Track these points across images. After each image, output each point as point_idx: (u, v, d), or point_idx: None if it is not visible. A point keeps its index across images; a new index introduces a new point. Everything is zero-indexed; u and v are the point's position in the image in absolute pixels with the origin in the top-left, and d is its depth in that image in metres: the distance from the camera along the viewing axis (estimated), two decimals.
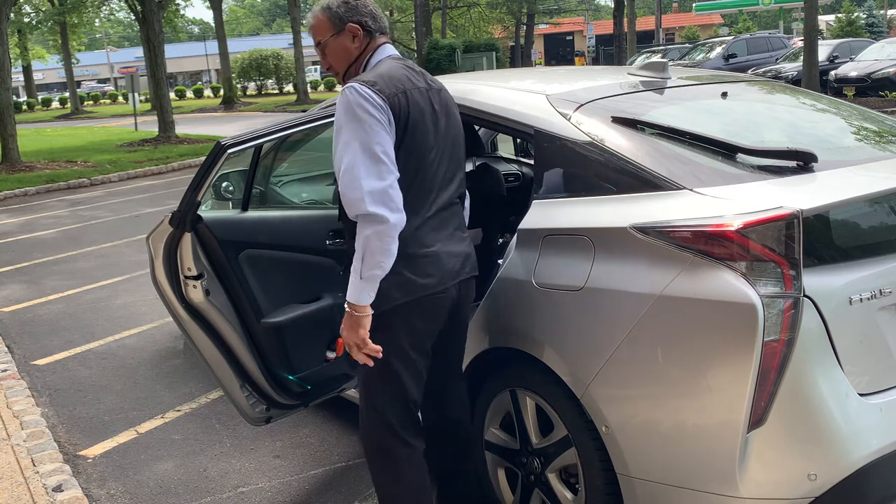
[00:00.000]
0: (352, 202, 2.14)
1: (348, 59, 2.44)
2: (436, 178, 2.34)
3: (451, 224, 2.40)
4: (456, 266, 2.38)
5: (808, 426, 2.04)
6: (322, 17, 2.42)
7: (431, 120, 2.32)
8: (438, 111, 2.36)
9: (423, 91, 2.33)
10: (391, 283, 2.22)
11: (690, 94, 3.01)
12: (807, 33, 18.12)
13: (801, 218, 2.01)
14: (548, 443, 2.54)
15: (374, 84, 2.21)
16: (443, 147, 2.36)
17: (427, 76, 2.44)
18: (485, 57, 31.79)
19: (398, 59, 2.42)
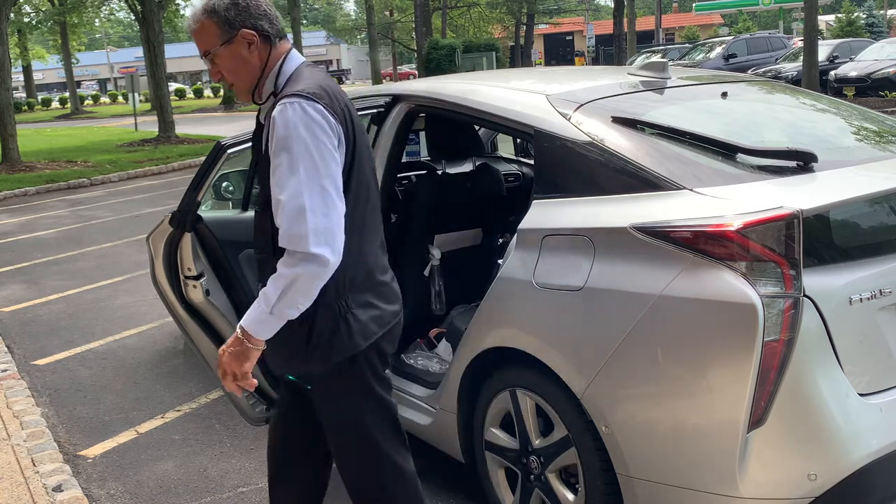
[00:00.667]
0: (293, 238, 1.86)
1: (252, 73, 2.06)
2: (377, 201, 2.19)
3: (385, 251, 2.24)
4: (399, 291, 2.28)
5: (808, 426, 2.04)
6: (206, 21, 2.02)
7: (364, 139, 2.13)
8: (363, 129, 2.17)
9: (353, 106, 2.11)
10: (368, 317, 2.06)
11: (690, 94, 3.01)
12: (807, 33, 18.12)
13: (801, 218, 2.01)
14: (548, 443, 2.54)
15: (321, 98, 1.93)
16: (373, 168, 2.20)
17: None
18: (485, 57, 31.80)
19: (312, 64, 2.11)
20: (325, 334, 2.00)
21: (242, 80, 2.07)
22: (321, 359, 2.03)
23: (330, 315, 2.00)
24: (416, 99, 3.26)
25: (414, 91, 3.31)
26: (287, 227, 1.87)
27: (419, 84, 3.47)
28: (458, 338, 2.91)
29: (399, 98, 3.30)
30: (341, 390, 2.11)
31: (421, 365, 3.41)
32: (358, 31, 55.30)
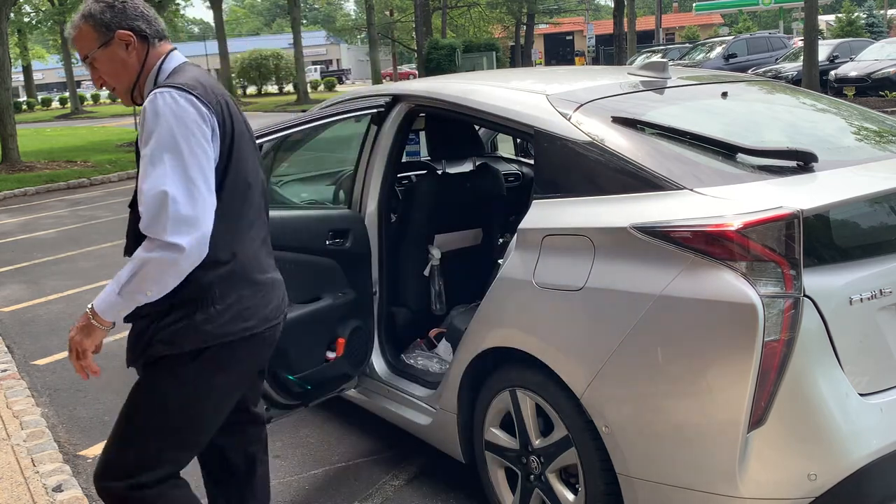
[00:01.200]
0: (152, 225, 1.83)
1: (129, 74, 2.06)
2: (262, 199, 2.14)
3: (269, 245, 2.21)
4: (283, 295, 2.21)
5: (808, 426, 2.04)
6: (84, 26, 2.03)
7: (248, 133, 2.11)
8: (248, 126, 2.14)
9: (231, 99, 2.06)
10: (230, 315, 1.98)
11: (690, 94, 3.01)
12: (807, 33, 18.12)
13: (801, 218, 2.01)
14: (548, 443, 2.54)
15: (194, 88, 1.91)
16: (257, 157, 2.16)
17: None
18: (485, 57, 31.80)
19: (193, 66, 2.09)
20: (173, 322, 1.95)
21: (121, 82, 2.08)
22: (163, 342, 1.96)
23: (187, 305, 1.95)
24: (416, 99, 3.26)
25: (414, 91, 3.31)
26: (147, 214, 1.84)
27: (419, 84, 3.47)
28: (458, 338, 2.91)
29: (399, 98, 3.30)
30: (173, 378, 2.01)
31: (421, 365, 3.41)
32: (358, 31, 55.33)
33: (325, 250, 3.16)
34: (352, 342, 3.19)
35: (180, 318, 1.95)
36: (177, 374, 2.00)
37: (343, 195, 3.85)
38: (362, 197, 3.36)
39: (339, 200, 3.95)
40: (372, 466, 3.42)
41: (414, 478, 3.31)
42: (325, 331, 3.12)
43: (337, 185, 4.23)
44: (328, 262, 3.16)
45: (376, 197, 3.35)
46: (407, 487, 3.24)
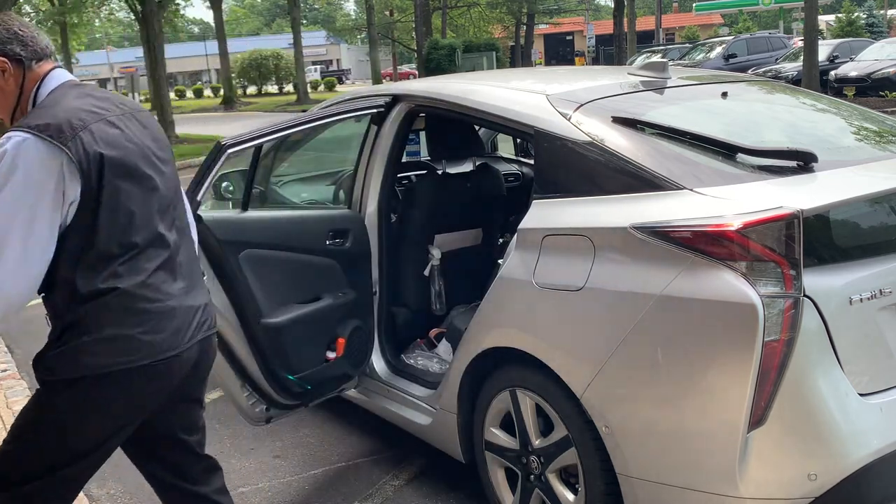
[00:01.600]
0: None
1: (8, 101, 1.97)
2: (165, 221, 2.00)
3: (182, 268, 2.04)
4: (190, 323, 2.02)
5: (808, 426, 2.04)
6: None
7: (138, 151, 1.95)
8: (142, 135, 1.99)
9: (118, 117, 1.95)
10: (114, 343, 1.88)
11: (690, 94, 3.01)
12: (807, 33, 18.12)
13: (801, 218, 2.01)
14: (548, 443, 2.54)
15: (44, 129, 1.79)
16: (157, 176, 1.99)
17: (117, 99, 2.04)
18: (485, 57, 31.80)
19: (76, 84, 1.99)
20: (55, 348, 1.90)
21: (2, 109, 2.00)
22: (44, 366, 1.92)
23: (67, 333, 1.89)
24: (415, 99, 3.26)
25: (414, 91, 3.31)
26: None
27: (419, 84, 3.47)
28: (458, 338, 2.91)
29: (399, 98, 3.30)
30: (50, 404, 1.95)
31: (421, 365, 3.41)
32: (358, 31, 55.34)
33: (325, 250, 3.16)
34: (352, 342, 3.19)
35: (62, 345, 1.88)
36: (52, 401, 1.93)
37: (343, 195, 3.85)
38: (362, 197, 3.36)
39: (339, 200, 3.95)
40: (372, 466, 3.42)
41: (414, 478, 3.32)
42: (325, 331, 3.12)
43: (337, 185, 4.24)
44: (328, 262, 3.16)
45: (376, 197, 3.35)
46: (407, 487, 3.24)
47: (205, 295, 2.14)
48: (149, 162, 1.99)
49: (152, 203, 1.98)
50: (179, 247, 2.06)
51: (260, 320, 2.93)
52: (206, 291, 2.17)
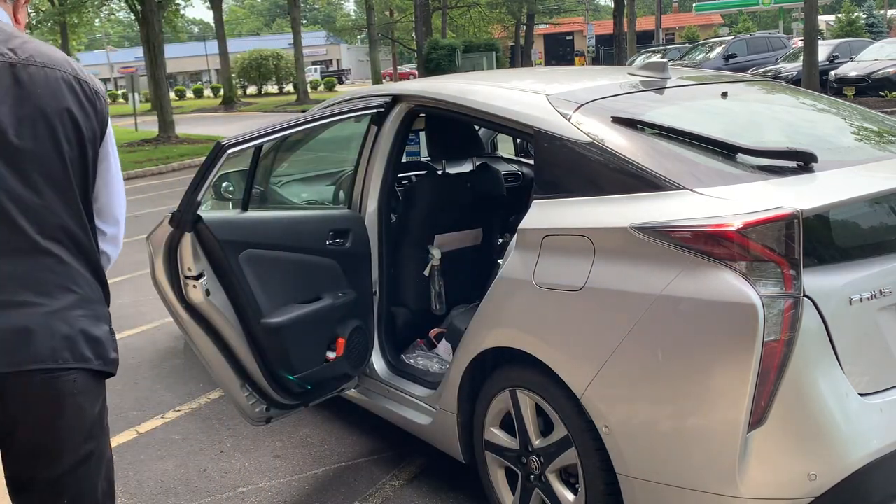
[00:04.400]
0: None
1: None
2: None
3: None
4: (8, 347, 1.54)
5: (808, 426, 2.04)
6: None
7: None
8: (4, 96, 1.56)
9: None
10: None
11: (690, 94, 3.02)
12: (807, 33, 18.12)
13: (801, 218, 2.01)
14: (548, 443, 2.54)
15: None
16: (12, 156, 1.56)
17: (9, 45, 1.60)
18: (485, 57, 31.81)
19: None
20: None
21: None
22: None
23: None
24: (415, 99, 3.26)
25: (413, 91, 3.31)
26: None
27: (419, 84, 3.48)
28: (458, 338, 2.91)
29: (399, 98, 3.30)
30: None
31: (421, 365, 3.41)
32: (358, 31, 55.34)
33: (325, 250, 3.16)
34: (352, 342, 3.19)
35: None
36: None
37: (343, 195, 3.85)
38: (362, 197, 3.36)
39: (339, 200, 3.95)
40: (372, 466, 3.42)
41: (414, 478, 3.32)
42: (325, 331, 3.12)
43: (337, 185, 4.24)
44: (328, 262, 3.16)
45: (376, 197, 3.35)
46: (407, 487, 3.24)
47: (36, 317, 1.60)
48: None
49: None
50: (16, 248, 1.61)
51: (260, 320, 2.93)
52: (39, 312, 1.60)
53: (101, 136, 1.70)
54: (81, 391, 1.65)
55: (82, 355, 1.64)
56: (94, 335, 1.67)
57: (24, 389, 1.58)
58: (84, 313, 1.66)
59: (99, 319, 1.70)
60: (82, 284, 1.68)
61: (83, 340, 1.65)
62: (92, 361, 1.66)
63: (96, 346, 1.67)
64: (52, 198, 1.62)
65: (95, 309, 1.70)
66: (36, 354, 1.58)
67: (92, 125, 1.67)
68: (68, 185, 1.64)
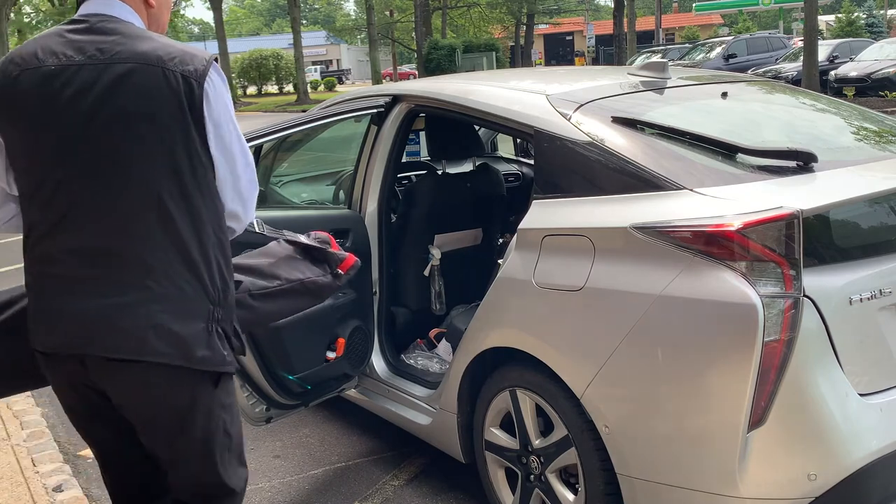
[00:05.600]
0: None
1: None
2: (45, 194, 1.69)
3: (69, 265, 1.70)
4: (68, 329, 1.70)
5: (808, 426, 2.04)
6: None
7: (48, 114, 1.65)
8: (76, 96, 1.64)
9: (54, 71, 1.65)
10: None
11: (690, 94, 3.01)
12: (807, 33, 18.13)
13: (801, 218, 2.01)
14: (548, 443, 2.54)
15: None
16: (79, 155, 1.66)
17: (98, 43, 1.67)
18: (485, 57, 31.84)
19: (69, 20, 1.76)
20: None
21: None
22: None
23: None
24: (415, 99, 3.26)
25: (414, 91, 3.31)
26: None
27: (419, 84, 3.48)
28: (458, 338, 2.91)
29: (399, 98, 3.30)
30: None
31: (421, 365, 3.41)
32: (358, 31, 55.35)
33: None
34: (352, 342, 3.19)
35: None
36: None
37: (343, 195, 3.85)
38: (362, 197, 3.36)
39: (339, 200, 3.95)
40: (372, 466, 3.42)
41: (414, 478, 3.32)
42: (325, 331, 3.12)
43: (337, 185, 4.23)
44: None
45: (376, 197, 3.35)
46: (407, 487, 3.24)
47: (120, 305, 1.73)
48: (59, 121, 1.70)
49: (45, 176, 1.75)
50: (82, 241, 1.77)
51: None
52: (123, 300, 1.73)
53: (197, 118, 1.68)
54: (156, 384, 1.71)
55: (154, 350, 1.67)
56: (173, 330, 1.68)
57: (109, 372, 1.71)
58: (163, 308, 1.68)
59: (188, 316, 1.70)
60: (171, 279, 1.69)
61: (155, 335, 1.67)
62: (167, 356, 1.68)
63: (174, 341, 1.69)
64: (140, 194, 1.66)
65: (184, 305, 1.70)
66: (114, 344, 1.67)
67: (183, 113, 1.66)
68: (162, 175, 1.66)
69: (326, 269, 2.23)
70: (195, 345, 1.70)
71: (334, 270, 2.25)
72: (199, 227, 1.71)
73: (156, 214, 1.66)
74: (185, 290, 1.69)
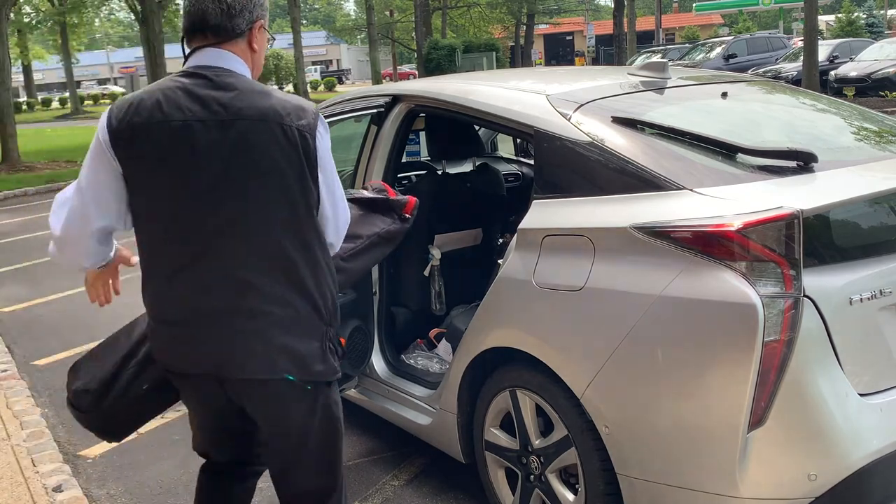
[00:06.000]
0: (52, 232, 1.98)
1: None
2: (178, 238, 1.89)
3: (203, 299, 1.89)
4: (198, 354, 1.93)
5: (808, 426, 2.04)
6: None
7: (179, 167, 1.84)
8: (206, 151, 1.83)
9: (181, 126, 1.82)
10: (152, 343, 2.06)
11: (690, 94, 3.01)
12: (807, 33, 18.12)
13: (801, 218, 2.01)
14: (548, 443, 2.54)
15: (113, 110, 1.89)
16: (210, 203, 1.86)
17: (220, 99, 1.85)
18: (485, 57, 31.82)
19: (186, 73, 1.91)
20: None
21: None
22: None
23: None
24: (415, 99, 3.26)
25: (413, 91, 3.31)
26: None
27: (419, 84, 3.47)
28: (458, 338, 2.91)
29: (399, 98, 3.30)
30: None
31: (421, 365, 3.41)
32: (358, 31, 55.36)
33: None
34: (352, 342, 3.19)
35: None
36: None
37: None
38: None
39: None
40: (372, 466, 3.42)
41: (414, 478, 3.32)
42: None
43: None
44: None
45: None
46: (407, 487, 3.24)
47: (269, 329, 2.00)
48: (197, 170, 1.94)
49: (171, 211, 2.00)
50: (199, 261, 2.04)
51: None
52: (269, 323, 1.99)
53: (311, 166, 1.89)
54: (285, 396, 1.96)
55: (282, 368, 1.93)
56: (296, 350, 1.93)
57: (245, 390, 1.97)
58: (287, 331, 1.92)
59: (306, 337, 1.95)
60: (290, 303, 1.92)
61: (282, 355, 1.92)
62: (292, 373, 1.93)
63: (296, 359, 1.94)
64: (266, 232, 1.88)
65: (303, 327, 1.94)
66: (249, 366, 1.92)
67: (300, 162, 1.87)
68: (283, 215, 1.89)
69: (394, 216, 2.51)
70: (313, 361, 1.95)
71: (401, 215, 2.54)
72: (314, 259, 1.93)
73: (279, 254, 1.88)
74: (302, 315, 1.92)
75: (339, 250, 2.16)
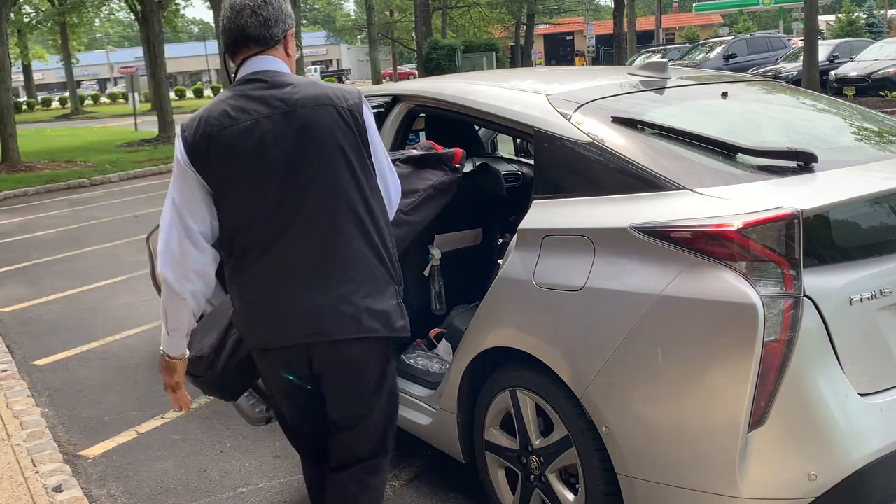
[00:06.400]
0: (157, 256, 2.13)
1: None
2: (262, 221, 2.06)
3: (290, 272, 2.08)
4: (289, 324, 2.10)
5: (808, 426, 2.04)
6: None
7: (255, 158, 2.03)
8: (275, 139, 2.03)
9: (251, 124, 2.02)
10: (240, 326, 2.22)
11: (690, 94, 3.01)
12: (807, 33, 18.13)
13: (801, 218, 2.01)
14: (548, 443, 2.54)
15: (185, 130, 2.07)
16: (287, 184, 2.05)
17: (279, 95, 2.06)
18: (485, 57, 31.81)
19: (243, 81, 2.11)
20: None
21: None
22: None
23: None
24: (415, 99, 3.26)
25: (414, 91, 3.31)
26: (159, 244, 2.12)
27: (419, 84, 3.47)
28: (458, 338, 2.91)
29: (399, 98, 3.30)
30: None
31: (421, 365, 3.41)
32: (358, 31, 55.36)
33: None
34: None
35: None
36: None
37: None
38: None
39: None
40: None
41: (414, 478, 3.32)
42: None
43: None
44: None
45: None
46: (407, 487, 3.24)
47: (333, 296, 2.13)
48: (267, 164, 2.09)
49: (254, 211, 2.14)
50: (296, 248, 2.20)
51: None
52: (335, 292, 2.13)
53: (363, 138, 2.12)
54: (367, 352, 2.16)
55: (369, 327, 2.12)
56: (378, 309, 2.12)
57: (332, 352, 2.12)
58: (367, 293, 2.12)
59: (383, 296, 2.16)
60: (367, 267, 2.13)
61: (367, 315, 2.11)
62: (378, 331, 2.13)
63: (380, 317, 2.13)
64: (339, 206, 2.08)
65: (380, 288, 2.15)
66: (337, 328, 2.09)
67: (355, 137, 2.10)
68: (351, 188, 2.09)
69: (445, 168, 2.76)
70: (395, 318, 2.16)
71: (451, 165, 2.78)
72: (380, 225, 2.15)
73: (352, 221, 2.08)
74: (378, 277, 2.13)
75: (400, 205, 2.37)
